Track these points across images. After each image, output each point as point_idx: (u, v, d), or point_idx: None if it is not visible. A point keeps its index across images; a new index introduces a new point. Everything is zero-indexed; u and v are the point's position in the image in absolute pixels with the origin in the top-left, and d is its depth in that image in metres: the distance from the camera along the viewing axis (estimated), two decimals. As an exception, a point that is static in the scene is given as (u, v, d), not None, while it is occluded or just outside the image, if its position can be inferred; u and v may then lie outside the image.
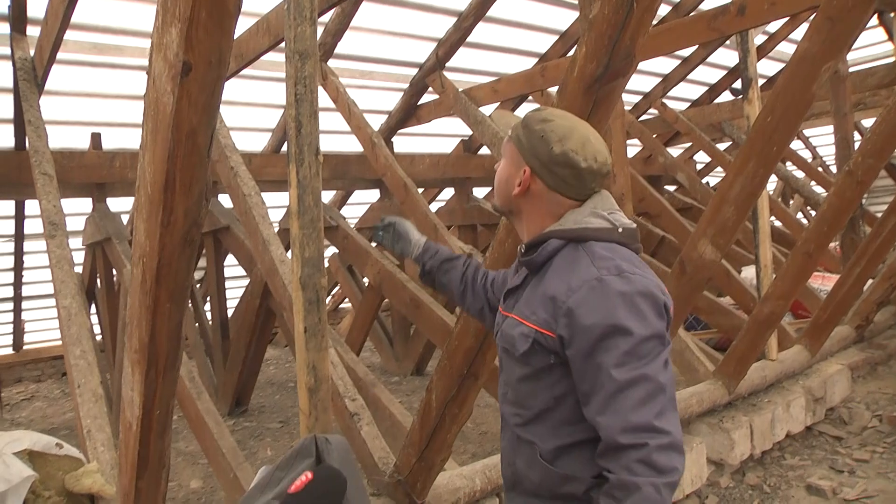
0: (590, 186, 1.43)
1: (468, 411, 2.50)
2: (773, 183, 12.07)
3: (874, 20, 5.91)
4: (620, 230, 1.39)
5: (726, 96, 8.93)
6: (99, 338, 6.40)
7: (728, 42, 7.26)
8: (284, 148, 6.79)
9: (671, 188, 9.61)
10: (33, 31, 4.70)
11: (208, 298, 6.76)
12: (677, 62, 8.03)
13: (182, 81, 1.16)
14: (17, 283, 7.11)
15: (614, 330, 1.22)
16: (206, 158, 1.31)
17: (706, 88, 9.05)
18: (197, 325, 6.68)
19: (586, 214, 1.39)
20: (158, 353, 1.58)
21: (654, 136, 8.45)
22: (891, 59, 7.50)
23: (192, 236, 1.38)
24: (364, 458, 3.04)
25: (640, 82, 8.22)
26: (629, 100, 8.55)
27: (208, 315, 6.65)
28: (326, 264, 8.38)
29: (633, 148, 9.47)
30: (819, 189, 9.57)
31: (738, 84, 8.54)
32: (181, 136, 1.23)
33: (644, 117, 8.77)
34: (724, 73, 8.76)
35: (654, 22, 6.57)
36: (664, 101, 8.38)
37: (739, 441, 4.03)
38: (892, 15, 5.91)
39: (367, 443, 3.04)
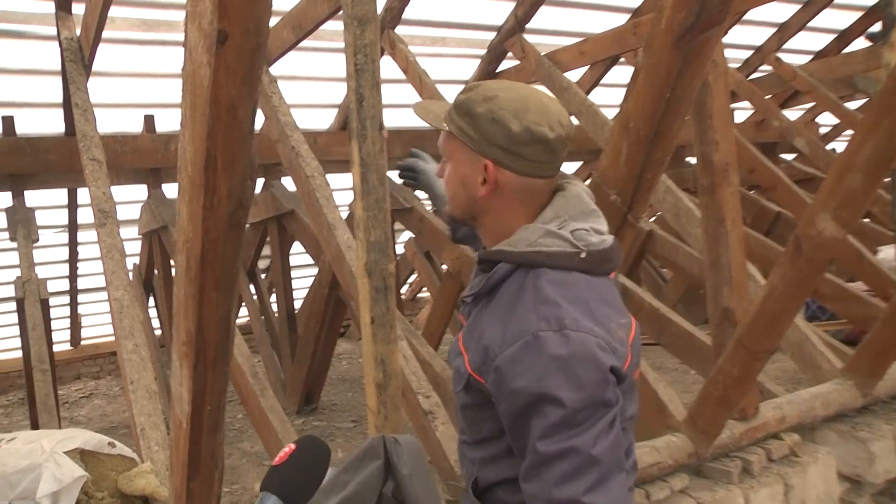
0: (561, 158, 1.34)
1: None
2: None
3: None
4: (583, 255, 1.28)
5: (860, 44, 8.39)
6: (158, 332, 6.68)
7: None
8: (352, 125, 6.88)
9: (789, 157, 9.20)
10: (79, 10, 4.90)
11: (274, 289, 6.95)
12: (797, 7, 7.64)
13: (218, 51, 1.18)
14: (73, 276, 7.47)
15: (543, 399, 1.17)
16: (249, 134, 1.33)
17: (834, 36, 8.54)
18: (262, 317, 6.88)
19: (541, 234, 1.29)
20: (207, 345, 1.62)
21: (768, 96, 8.09)
22: None
23: (237, 219, 1.41)
24: (439, 460, 3.06)
25: (751, 34, 7.87)
26: (737, 55, 8.21)
27: (274, 307, 6.84)
28: (401, 250, 8.47)
29: (743, 112, 9.12)
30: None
31: (876, 27, 8.04)
32: (220, 111, 1.25)
33: (756, 75, 8.41)
34: (858, 15, 8.24)
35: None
36: (780, 54, 8.00)
37: (881, 455, 3.77)
38: None
39: (442, 444, 3.05)
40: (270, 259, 7.02)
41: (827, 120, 9.85)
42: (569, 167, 8.38)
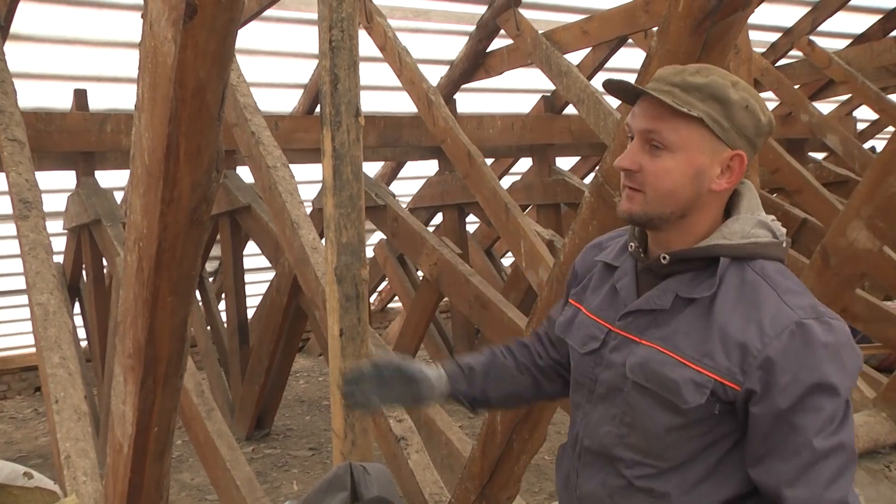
0: None
1: (542, 437, 2.52)
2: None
3: None
4: (784, 244, 1.42)
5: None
6: (84, 344, 6.62)
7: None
8: (319, 109, 6.90)
9: (818, 156, 9.33)
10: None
11: (223, 295, 6.94)
12: (834, -17, 7.77)
13: (186, 26, 1.21)
14: (-21, 276, 7.28)
15: (819, 389, 1.28)
16: (218, 120, 1.36)
17: (877, 18, 8.65)
18: (209, 327, 6.87)
19: (752, 224, 1.40)
20: (158, 358, 1.65)
21: (797, 86, 8.20)
22: None
23: (199, 215, 1.44)
24: (411, 492, 3.10)
25: (779, 14, 7.99)
26: (763, 38, 8.34)
27: (223, 316, 6.83)
28: (371, 253, 8.50)
29: (767, 104, 9.21)
30: None
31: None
32: (186, 94, 1.28)
33: (783, 62, 8.53)
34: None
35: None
36: (813, 38, 8.10)
37: (920, 498, 3.87)
38: None
39: (415, 474, 3.10)
40: (220, 261, 7.00)
41: (865, 114, 9.98)
42: (564, 163, 8.43)
